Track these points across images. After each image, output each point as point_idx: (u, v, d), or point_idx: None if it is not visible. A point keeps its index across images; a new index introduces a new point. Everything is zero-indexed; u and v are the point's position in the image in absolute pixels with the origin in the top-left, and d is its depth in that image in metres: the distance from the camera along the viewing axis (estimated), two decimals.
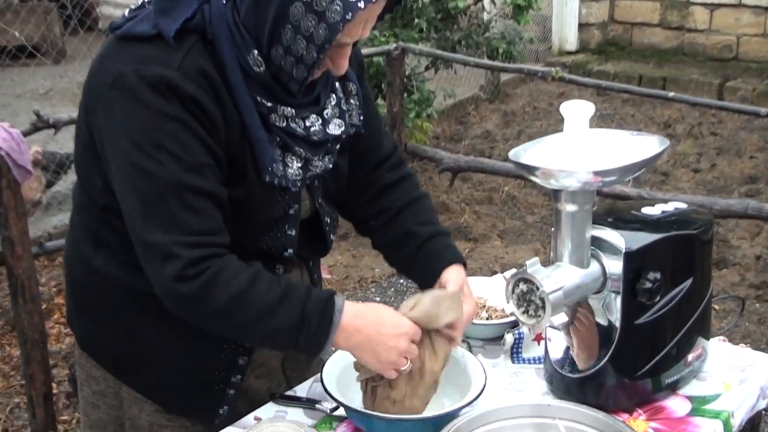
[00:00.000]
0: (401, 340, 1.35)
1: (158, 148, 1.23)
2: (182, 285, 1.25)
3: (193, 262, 1.25)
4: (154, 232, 1.25)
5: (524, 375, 1.65)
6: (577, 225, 1.39)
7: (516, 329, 1.70)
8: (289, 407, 1.55)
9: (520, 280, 1.39)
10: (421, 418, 1.41)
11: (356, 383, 1.51)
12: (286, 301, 1.30)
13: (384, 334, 1.34)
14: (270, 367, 1.61)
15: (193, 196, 1.25)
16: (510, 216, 5.31)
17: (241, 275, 1.29)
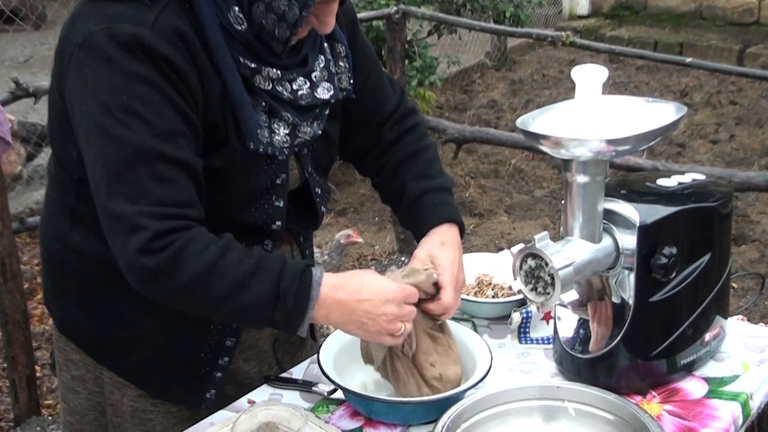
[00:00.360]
0: (388, 306, 1.32)
1: (128, 112, 1.21)
2: (147, 258, 1.22)
3: (160, 234, 1.23)
4: (120, 202, 1.22)
5: (532, 356, 1.65)
6: (588, 197, 1.38)
7: (523, 308, 1.71)
8: (284, 390, 1.55)
9: (528, 256, 1.39)
10: (422, 400, 1.41)
11: (355, 364, 1.52)
12: (260, 274, 1.27)
13: (367, 301, 1.31)
14: (260, 350, 1.62)
15: (163, 165, 1.23)
16: (517, 190, 5.31)
17: (210, 247, 1.26)
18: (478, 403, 1.38)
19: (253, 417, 1.39)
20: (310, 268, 1.32)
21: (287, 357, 1.67)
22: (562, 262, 1.35)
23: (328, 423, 1.45)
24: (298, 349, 1.71)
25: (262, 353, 1.62)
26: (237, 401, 1.52)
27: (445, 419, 1.32)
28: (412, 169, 1.57)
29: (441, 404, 1.39)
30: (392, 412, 1.44)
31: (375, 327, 1.33)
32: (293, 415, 1.39)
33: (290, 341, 1.67)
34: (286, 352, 1.67)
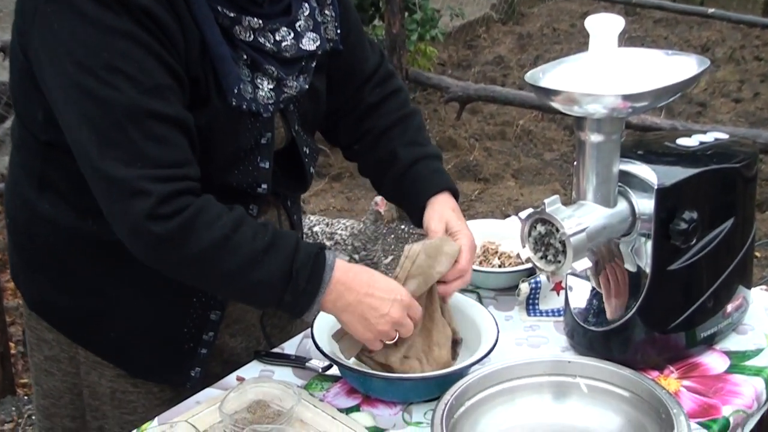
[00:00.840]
0: (395, 308, 1.35)
1: (110, 70, 1.21)
2: (156, 224, 1.23)
3: (166, 198, 1.23)
4: (115, 166, 1.23)
5: (541, 329, 1.65)
6: (602, 158, 1.38)
7: (532, 277, 1.71)
8: (275, 366, 1.55)
9: (538, 221, 1.38)
10: (423, 377, 1.41)
11: None
12: (273, 252, 1.29)
13: (376, 297, 1.34)
14: (247, 324, 1.62)
15: (155, 123, 1.23)
16: (525, 153, 5.30)
17: (223, 218, 1.27)
18: (483, 380, 1.38)
19: (243, 395, 1.41)
20: (324, 251, 1.33)
21: (276, 331, 1.68)
22: (574, 227, 1.35)
23: (322, 401, 1.45)
24: (287, 323, 1.71)
25: (249, 328, 1.62)
26: (225, 378, 1.52)
27: (448, 397, 1.32)
28: (401, 135, 1.57)
29: (444, 381, 1.39)
30: (391, 389, 1.44)
31: (377, 325, 1.36)
32: (285, 392, 1.40)
33: (279, 314, 1.68)
34: (275, 326, 1.68)
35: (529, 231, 1.41)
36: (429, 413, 1.39)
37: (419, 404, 1.44)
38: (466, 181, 4.86)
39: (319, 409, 1.41)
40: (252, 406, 1.40)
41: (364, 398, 1.46)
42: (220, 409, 1.36)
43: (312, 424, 1.38)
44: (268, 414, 1.39)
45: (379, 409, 1.44)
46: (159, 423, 1.39)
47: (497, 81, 6.11)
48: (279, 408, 1.40)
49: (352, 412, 1.43)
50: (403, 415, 1.42)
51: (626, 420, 1.35)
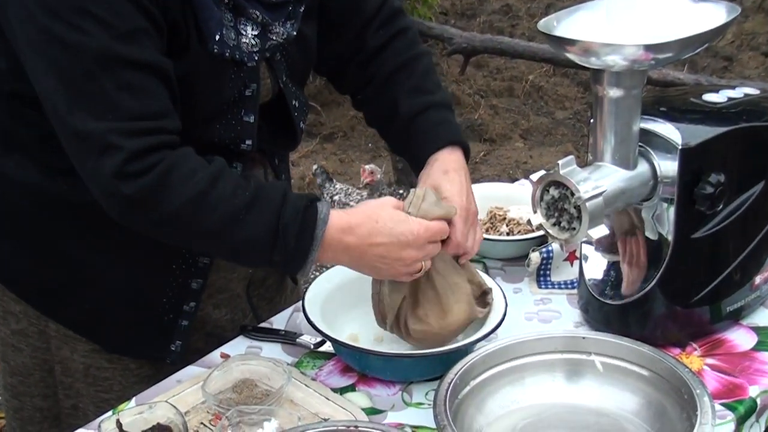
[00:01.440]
0: (406, 251, 1.34)
1: (80, 13, 1.20)
2: (125, 184, 1.23)
3: (137, 153, 1.23)
4: (85, 119, 1.23)
5: (553, 302, 1.66)
6: (622, 115, 1.37)
7: (544, 246, 1.71)
8: (263, 342, 1.56)
9: (551, 184, 1.38)
10: (425, 353, 1.42)
11: (347, 312, 1.54)
12: (256, 208, 1.29)
13: (381, 246, 1.33)
14: (231, 293, 1.62)
15: (130, 71, 1.23)
16: (535, 111, 5.28)
17: (199, 173, 1.27)
18: (489, 357, 1.38)
19: (228, 373, 1.41)
20: (315, 203, 1.33)
21: (263, 303, 1.68)
22: (590, 191, 1.34)
23: (315, 380, 1.45)
24: (275, 294, 1.72)
25: (234, 298, 1.62)
26: (208, 355, 1.52)
27: (452, 375, 1.32)
28: (405, 81, 1.55)
29: (446, 358, 1.39)
30: (390, 368, 1.44)
31: (390, 271, 1.36)
32: (274, 370, 1.41)
33: (266, 284, 1.68)
34: (261, 297, 1.68)
35: (541, 195, 1.40)
36: (431, 393, 1.40)
37: (420, 383, 1.45)
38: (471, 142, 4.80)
39: (311, 388, 1.41)
40: (238, 385, 1.41)
41: (360, 377, 1.47)
42: (203, 388, 1.36)
43: (303, 405, 1.38)
44: (256, 394, 1.39)
45: (376, 389, 1.45)
46: (137, 404, 1.39)
47: (505, 32, 6.07)
48: (267, 387, 1.40)
49: (347, 392, 1.43)
50: (403, 396, 1.43)
51: (645, 401, 1.35)
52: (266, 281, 1.68)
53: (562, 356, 1.41)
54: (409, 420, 1.38)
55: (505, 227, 1.80)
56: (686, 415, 1.26)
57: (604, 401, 1.38)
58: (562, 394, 1.39)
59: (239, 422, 1.28)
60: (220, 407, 1.34)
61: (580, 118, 5.13)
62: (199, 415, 1.38)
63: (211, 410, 1.38)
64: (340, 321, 1.53)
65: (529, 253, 1.70)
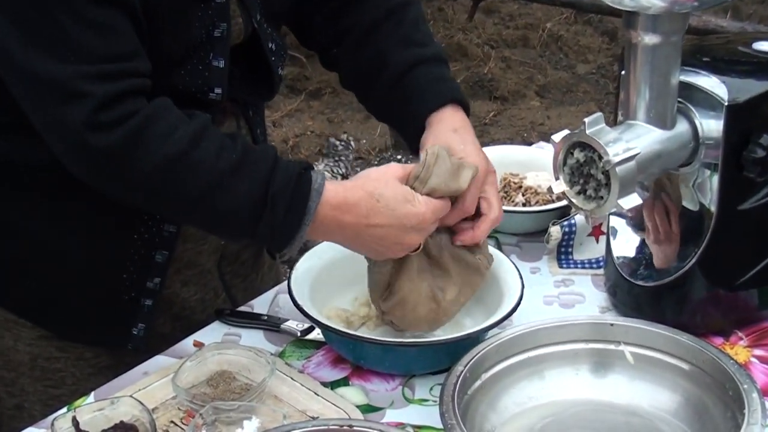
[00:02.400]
0: (409, 235, 1.35)
1: None
2: (96, 136, 1.23)
3: (109, 100, 1.23)
4: (45, 62, 1.22)
5: (576, 284, 1.67)
6: (659, 65, 1.35)
7: (566, 219, 1.70)
8: (242, 328, 1.56)
9: (575, 146, 1.37)
10: (431, 342, 1.42)
11: (339, 294, 1.55)
12: (243, 173, 1.29)
13: (380, 227, 1.34)
14: (201, 269, 1.62)
15: (92, 5, 1.22)
16: (554, 65, 5.28)
17: (180, 129, 1.27)
18: (503, 347, 1.37)
19: (202, 364, 1.41)
20: (308, 170, 1.33)
21: (237, 280, 1.69)
22: (621, 153, 1.33)
23: (302, 373, 1.45)
24: (251, 271, 1.72)
25: (203, 274, 1.62)
26: (180, 343, 1.52)
27: (461, 368, 1.31)
28: (392, 32, 1.54)
29: (454, 347, 1.38)
30: (389, 358, 1.44)
31: (387, 253, 1.37)
32: (255, 361, 1.41)
33: (240, 260, 1.68)
34: (235, 273, 1.68)
35: (564, 159, 1.39)
36: (436, 388, 1.40)
37: (424, 377, 1.44)
38: (479, 100, 4.84)
39: (298, 382, 1.41)
40: (213, 378, 1.41)
41: (354, 369, 1.47)
42: (174, 381, 1.36)
43: (288, 401, 1.38)
44: (234, 388, 1.39)
45: (373, 383, 1.44)
46: (96, 399, 1.39)
47: None
48: (247, 381, 1.40)
49: (339, 387, 1.44)
50: (404, 391, 1.43)
51: (683, 397, 1.35)
52: (240, 256, 1.68)
53: (586, 346, 1.40)
54: (410, 419, 1.37)
55: (520, 197, 1.80)
56: (731, 414, 1.26)
57: (635, 398, 1.38)
58: (587, 389, 1.39)
59: (215, 420, 1.27)
60: (193, 403, 1.34)
61: (604, 73, 5.13)
62: (169, 412, 1.38)
63: (183, 406, 1.37)
64: (333, 303, 1.53)
65: (548, 227, 1.70)
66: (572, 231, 1.70)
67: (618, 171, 1.33)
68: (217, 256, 1.63)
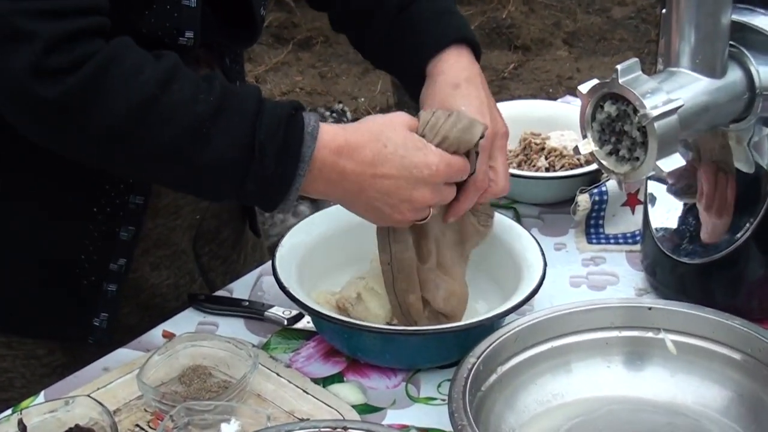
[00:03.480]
0: (419, 190, 1.34)
1: None
2: (44, 84, 1.21)
3: (60, 41, 1.20)
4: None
5: (608, 262, 1.68)
6: (707, 2, 1.34)
7: (595, 186, 1.71)
8: (220, 316, 1.56)
9: (607, 98, 1.37)
10: (438, 330, 1.41)
11: (331, 275, 1.55)
12: (224, 118, 1.27)
13: (387, 179, 1.32)
14: (174, 248, 1.62)
15: None
16: (584, 8, 5.27)
17: (146, 71, 1.25)
18: (523, 336, 1.37)
19: (172, 358, 1.42)
20: (299, 111, 1.31)
21: (216, 263, 1.70)
22: (660, 106, 1.31)
23: (289, 367, 1.46)
24: (232, 251, 1.73)
25: (177, 255, 1.63)
26: (146, 334, 1.53)
27: (473, 360, 1.31)
28: None
29: (466, 336, 1.38)
30: (391, 349, 1.44)
31: (392, 215, 1.36)
32: (235, 354, 1.41)
33: (220, 238, 1.69)
34: (214, 255, 1.69)
35: (592, 113, 1.39)
36: (445, 385, 1.39)
37: (430, 372, 1.45)
38: (497, 50, 4.84)
39: (285, 378, 1.42)
40: (186, 374, 1.41)
41: (349, 363, 1.48)
42: (139, 378, 1.35)
43: (273, 401, 1.39)
44: (210, 386, 1.40)
45: (371, 379, 1.45)
46: (47, 399, 1.39)
47: None
48: (225, 377, 1.41)
49: (333, 384, 1.44)
50: (407, 388, 1.43)
51: (735, 393, 1.36)
52: (220, 234, 1.69)
53: (620, 334, 1.41)
54: (415, 420, 1.38)
55: (543, 160, 1.80)
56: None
57: (678, 395, 1.38)
58: (621, 385, 1.40)
59: (188, 423, 1.28)
60: (162, 403, 1.34)
61: (645, 17, 5.13)
62: (134, 414, 1.38)
63: (150, 407, 1.37)
64: (324, 287, 1.53)
65: (575, 196, 1.70)
66: (603, 200, 1.70)
67: (657, 127, 1.32)
68: (192, 234, 1.64)
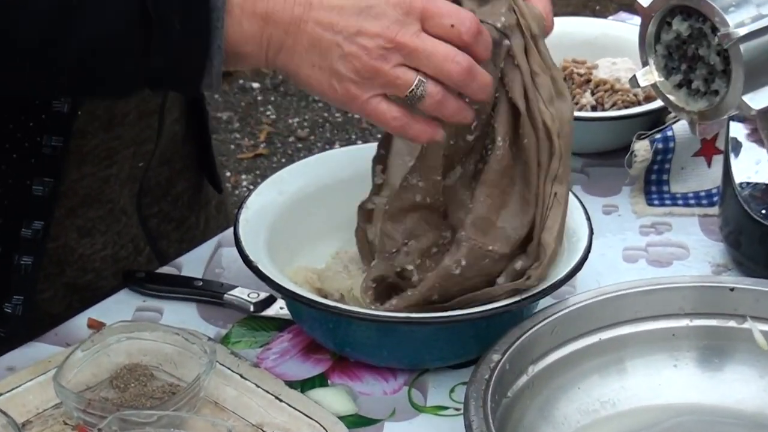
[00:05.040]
0: (378, 22, 1.25)
1: None
2: None
3: None
4: None
5: (676, 229, 1.70)
6: None
7: (659, 130, 1.71)
8: (165, 300, 1.57)
9: (675, 13, 1.38)
10: (450, 318, 1.37)
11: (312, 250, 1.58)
12: None
13: (332, 9, 1.26)
14: (111, 208, 1.64)
15: None
16: None
17: None
18: (562, 326, 1.36)
19: (101, 355, 1.40)
20: None
21: (168, 227, 1.74)
22: (748, 23, 1.32)
23: (257, 367, 1.44)
24: (188, 211, 1.78)
25: (116, 216, 1.65)
26: (66, 324, 1.53)
27: (497, 358, 1.29)
28: None
29: (487, 326, 1.38)
30: (389, 343, 1.43)
31: (350, 75, 1.27)
32: (185, 350, 1.41)
33: (173, 194, 1.73)
34: (164, 217, 1.73)
35: (656, 33, 1.40)
36: (460, 389, 1.40)
37: (440, 373, 1.45)
38: None
39: (251, 381, 1.41)
40: (120, 375, 1.40)
41: (336, 362, 1.48)
42: (57, 381, 1.34)
43: (236, 411, 1.38)
44: (152, 391, 1.39)
45: (364, 383, 1.45)
46: None
47: None
48: (172, 380, 1.40)
49: (315, 389, 1.44)
50: (411, 394, 1.43)
51: None
52: (172, 188, 1.73)
53: (691, 323, 1.41)
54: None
55: (588, 96, 1.83)
56: None
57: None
58: (693, 389, 1.40)
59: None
60: (89, 414, 1.31)
61: None
62: (50, 427, 1.37)
63: (72, 419, 1.36)
64: (302, 262, 1.54)
65: (632, 143, 1.70)
66: (669, 148, 1.70)
67: (743, 50, 1.33)
68: (135, 188, 1.67)
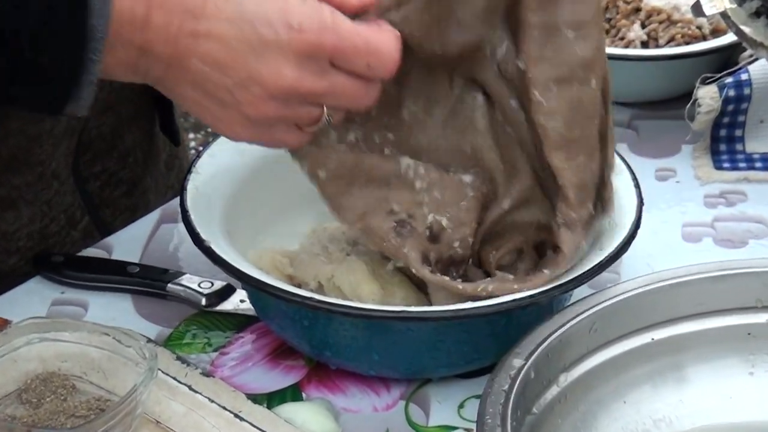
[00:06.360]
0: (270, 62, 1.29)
1: None
2: None
3: None
4: None
5: (752, 199, 1.74)
6: None
7: (729, 73, 1.75)
8: (91, 291, 1.58)
9: None
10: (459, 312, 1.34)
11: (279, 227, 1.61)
12: None
13: (217, 40, 1.30)
14: (41, 172, 1.68)
15: None
16: None
17: None
18: (605, 322, 1.34)
19: (7, 361, 1.41)
20: None
21: (115, 193, 1.80)
22: None
23: (210, 377, 1.45)
24: (142, 171, 1.85)
25: (47, 182, 1.70)
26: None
27: (519, 364, 1.25)
28: None
29: (506, 323, 1.38)
30: (381, 345, 1.42)
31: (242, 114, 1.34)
32: (117, 355, 1.40)
33: (120, 149, 1.79)
34: (111, 178, 1.79)
35: None
36: (471, 404, 1.39)
37: (446, 383, 1.45)
38: None
39: (203, 395, 1.41)
40: (32, 387, 1.39)
41: (312, 370, 1.48)
42: None
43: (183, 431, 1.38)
44: (73, 407, 1.37)
45: (348, 397, 1.45)
46: None
47: None
48: (100, 392, 1.39)
49: (286, 404, 1.43)
50: (408, 411, 1.42)
51: None
52: (119, 141, 1.79)
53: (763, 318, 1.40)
54: None
55: (637, 29, 1.89)
56: None
57: None
58: None
59: None
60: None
61: None
62: None
63: None
64: (269, 242, 1.57)
65: (694, 89, 1.71)
66: (743, 96, 1.73)
67: None
68: (73, 146, 1.72)
